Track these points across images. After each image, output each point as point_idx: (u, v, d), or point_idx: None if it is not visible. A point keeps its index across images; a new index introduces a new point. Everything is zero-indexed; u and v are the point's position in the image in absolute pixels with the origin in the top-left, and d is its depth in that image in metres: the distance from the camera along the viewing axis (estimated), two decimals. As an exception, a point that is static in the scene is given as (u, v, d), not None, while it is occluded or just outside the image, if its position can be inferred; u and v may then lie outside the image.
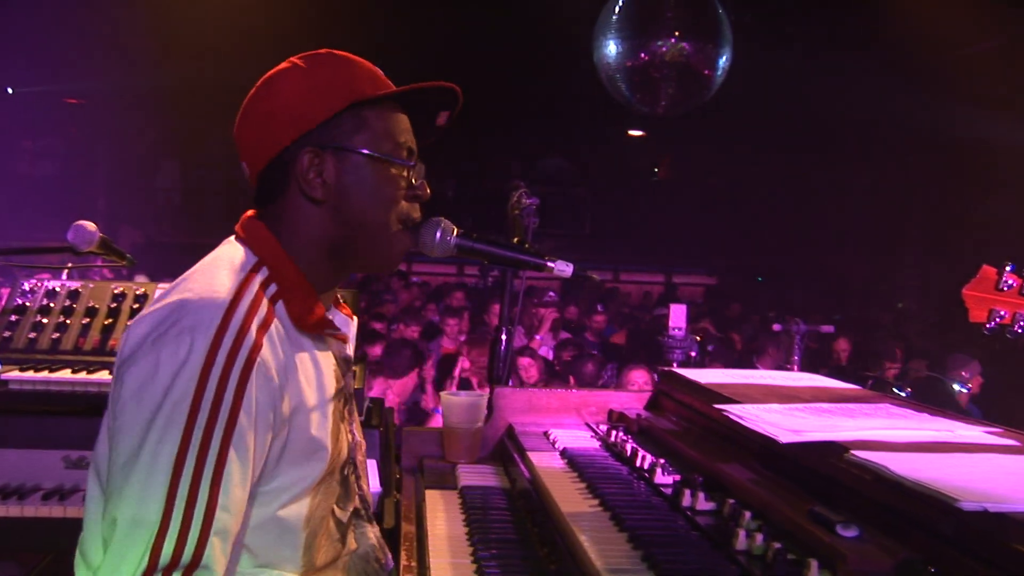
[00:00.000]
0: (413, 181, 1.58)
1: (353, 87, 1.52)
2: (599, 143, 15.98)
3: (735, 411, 1.92)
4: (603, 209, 17.03)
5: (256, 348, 1.35)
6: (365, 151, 1.52)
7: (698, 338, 4.74)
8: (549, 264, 1.72)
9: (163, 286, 3.32)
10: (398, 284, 11.01)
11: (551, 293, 9.87)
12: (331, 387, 1.52)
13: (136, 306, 3.29)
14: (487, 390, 2.70)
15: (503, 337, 2.91)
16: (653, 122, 11.04)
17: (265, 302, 1.43)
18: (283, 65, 1.57)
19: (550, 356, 7.19)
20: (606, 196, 16.95)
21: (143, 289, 3.36)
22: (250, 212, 1.59)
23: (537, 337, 8.10)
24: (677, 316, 4.52)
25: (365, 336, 6.16)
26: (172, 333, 1.33)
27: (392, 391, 5.36)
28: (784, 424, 1.77)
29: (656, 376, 2.90)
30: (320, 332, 1.52)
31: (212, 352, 1.31)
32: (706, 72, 8.24)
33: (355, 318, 1.74)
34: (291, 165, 1.50)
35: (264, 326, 1.39)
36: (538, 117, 14.45)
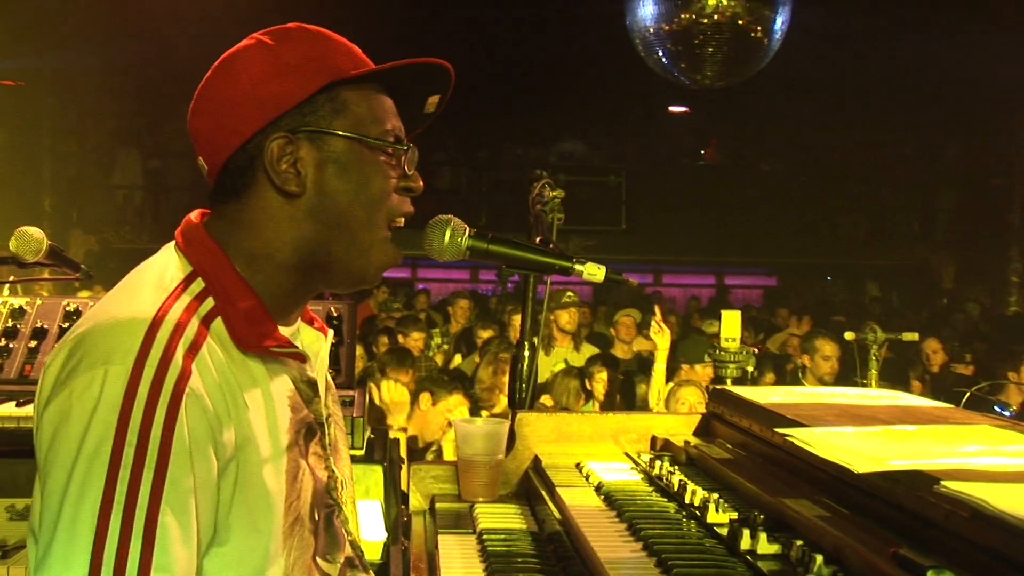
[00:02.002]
0: (406, 170, 1.58)
1: (330, 64, 1.52)
2: (635, 122, 16.02)
3: (801, 436, 1.93)
4: (640, 200, 17.03)
5: (184, 376, 1.34)
6: (348, 134, 1.51)
7: (755, 350, 4.74)
8: (578, 267, 1.73)
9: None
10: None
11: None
12: (285, 418, 1.50)
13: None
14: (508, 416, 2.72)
15: (525, 353, 2.92)
16: (698, 96, 11.04)
17: (195, 320, 1.41)
18: (245, 42, 1.56)
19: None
20: (644, 185, 16.95)
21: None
22: (195, 212, 1.58)
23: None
24: (730, 324, 4.52)
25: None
26: (83, 366, 1.32)
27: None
28: (860, 451, 1.77)
29: (707, 396, 2.90)
30: (264, 351, 1.49)
31: (131, 385, 1.30)
32: (760, 35, 8.23)
33: (329, 332, 1.72)
34: (257, 157, 1.49)
35: (193, 349, 1.37)
36: (562, 94, 14.45)
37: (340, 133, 1.51)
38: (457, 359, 8.56)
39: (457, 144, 17.57)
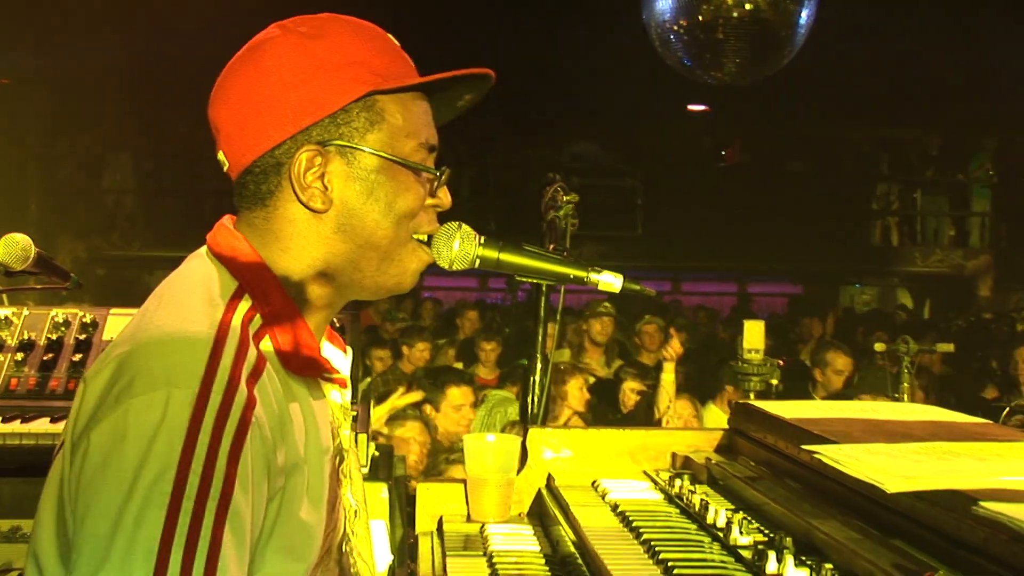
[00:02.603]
0: (435, 190, 1.60)
1: (372, 69, 1.52)
2: (652, 122, 15.99)
3: (829, 453, 1.92)
4: (658, 203, 17.02)
5: (250, 405, 1.34)
6: (381, 153, 1.52)
7: (780, 362, 4.73)
8: (593, 276, 1.73)
9: (118, 313, 3.37)
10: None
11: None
12: (327, 444, 1.52)
13: (83, 337, 3.33)
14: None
15: (538, 366, 2.92)
16: (719, 94, 11.03)
17: (253, 343, 1.42)
18: (274, 31, 1.55)
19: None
20: (661, 187, 16.93)
21: (91, 316, 3.40)
22: (227, 218, 1.59)
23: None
24: (753, 334, 4.51)
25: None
26: (140, 385, 1.30)
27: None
28: (892, 469, 1.77)
29: (729, 411, 2.90)
30: (315, 376, 1.52)
31: (197, 411, 1.29)
32: (784, 29, 8.23)
33: (350, 351, 1.74)
34: (284, 165, 1.50)
35: (255, 374, 1.38)
36: (575, 91, 14.46)
37: (374, 151, 1.51)
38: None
39: (463, 144, 17.60)
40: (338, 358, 1.69)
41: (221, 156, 1.56)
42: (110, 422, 1.29)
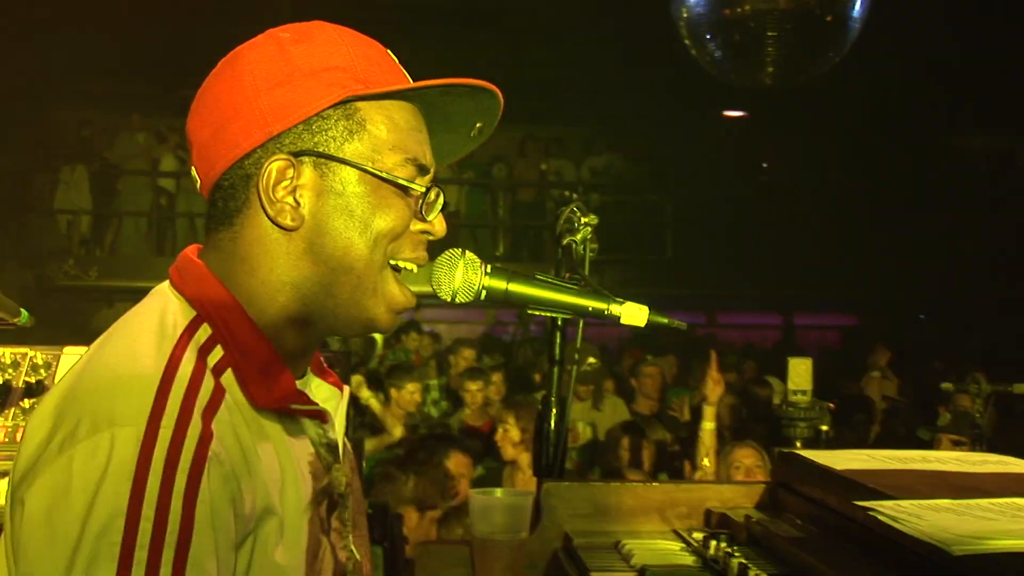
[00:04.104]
0: (424, 213, 1.59)
1: (355, 75, 1.53)
2: (682, 130, 16.01)
3: (886, 510, 1.93)
4: (689, 223, 17.02)
5: (205, 439, 1.35)
6: (361, 165, 1.53)
7: (831, 405, 4.72)
8: (615, 308, 1.75)
9: (74, 352, 3.38)
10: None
11: None
12: (307, 487, 1.53)
13: (33, 379, 3.35)
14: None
15: (553, 410, 2.94)
16: (758, 97, 11.05)
17: (208, 374, 1.43)
18: (257, 38, 1.58)
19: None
20: (693, 204, 16.94)
21: (43, 356, 3.42)
22: (191, 247, 1.62)
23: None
24: (799, 373, 4.51)
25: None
26: (83, 430, 1.32)
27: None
28: (959, 528, 1.77)
29: (772, 460, 2.91)
30: (286, 410, 1.53)
31: (145, 449, 1.30)
32: (834, 20, 8.23)
33: (346, 388, 1.75)
34: (254, 177, 1.52)
35: (211, 407, 1.40)
36: (595, 96, 14.49)
37: (351, 162, 1.52)
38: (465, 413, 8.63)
39: (466, 157, 17.58)
40: (329, 395, 1.70)
41: (194, 172, 1.59)
42: (51, 474, 1.31)
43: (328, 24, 1.60)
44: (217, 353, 1.47)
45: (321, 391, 1.69)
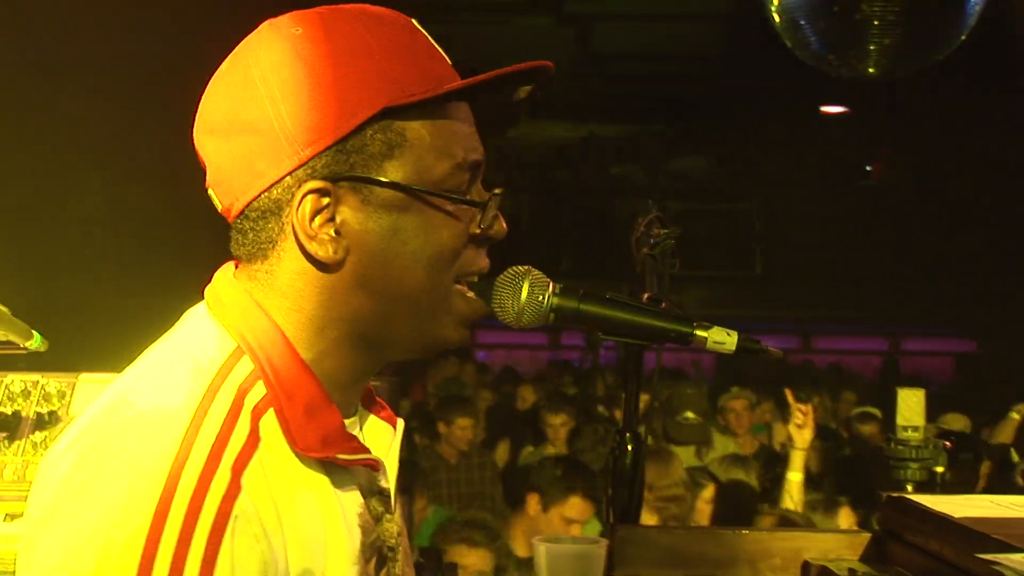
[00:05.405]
0: (482, 224, 1.56)
1: (388, 75, 1.48)
2: (774, 129, 15.93)
3: (1015, 564, 1.92)
4: (782, 235, 16.93)
5: (231, 494, 1.33)
6: (406, 184, 1.48)
7: (947, 444, 4.67)
8: (700, 332, 1.75)
9: (91, 379, 3.42)
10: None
11: None
12: (354, 542, 1.53)
13: (45, 411, 3.39)
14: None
15: (629, 447, 2.94)
16: (862, 91, 11.00)
17: (246, 417, 1.42)
18: (263, 32, 1.53)
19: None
20: (786, 214, 16.85)
21: (57, 383, 3.45)
22: (228, 266, 1.59)
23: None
24: (910, 407, 4.47)
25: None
26: (97, 475, 1.33)
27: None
28: (1096, 585, 1.76)
29: (878, 506, 2.89)
30: (330, 456, 1.50)
31: (163, 505, 1.29)
32: (949, 7, 8.18)
33: (400, 423, 1.74)
34: (286, 207, 1.48)
35: (243, 457, 1.38)
36: (673, 91, 14.47)
37: (396, 183, 1.48)
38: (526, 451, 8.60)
39: (525, 160, 17.62)
40: (380, 432, 1.70)
41: (212, 194, 1.55)
42: (66, 522, 1.31)
43: (341, 8, 1.54)
44: (258, 392, 1.46)
45: (374, 429, 1.69)
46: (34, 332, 3.18)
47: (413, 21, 1.56)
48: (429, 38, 1.56)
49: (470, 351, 11.99)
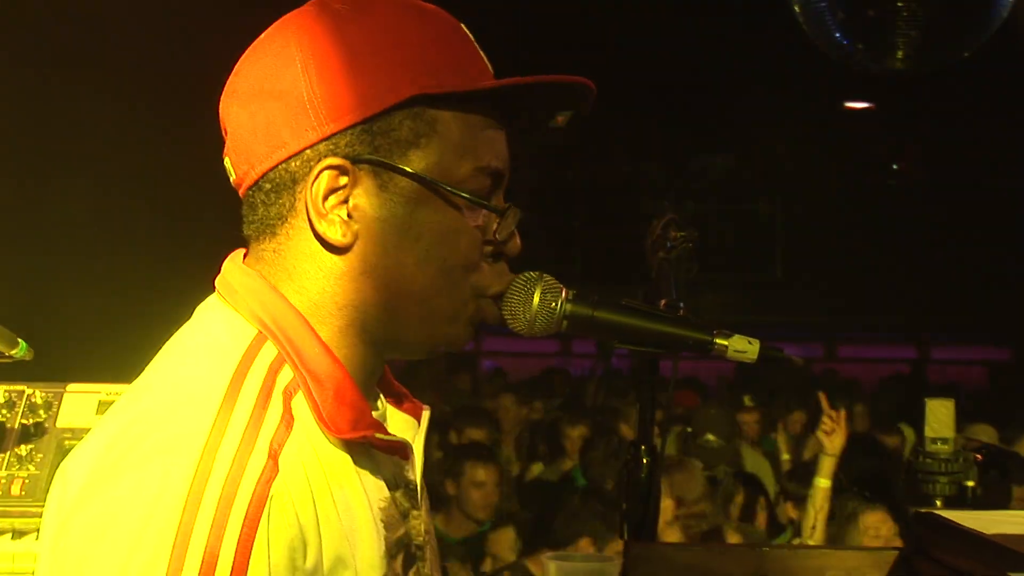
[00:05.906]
0: (497, 235, 1.57)
1: (426, 64, 1.50)
2: (796, 125, 15.93)
3: (1050, 585, 1.92)
4: (804, 237, 16.92)
5: (269, 475, 1.35)
6: (426, 177, 1.49)
7: (978, 456, 4.66)
8: (720, 341, 1.74)
9: (78, 390, 3.41)
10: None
11: None
12: (380, 537, 1.53)
13: (30, 422, 3.39)
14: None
15: (644, 460, 2.93)
16: (888, 87, 10.99)
17: (278, 398, 1.43)
18: (308, 8, 1.55)
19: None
20: (809, 214, 16.83)
21: (43, 394, 3.45)
22: (236, 253, 1.60)
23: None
24: (939, 418, 4.47)
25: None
26: (130, 461, 1.34)
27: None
28: None
29: (907, 523, 2.89)
30: (370, 441, 1.51)
31: (197, 485, 1.31)
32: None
33: (425, 414, 1.74)
34: (301, 181, 1.49)
35: (279, 436, 1.39)
36: (690, 85, 14.48)
37: (418, 175, 1.49)
38: (537, 467, 8.58)
39: (536, 158, 17.63)
40: (405, 424, 1.69)
41: (227, 162, 1.57)
42: (99, 507, 1.32)
43: None
44: (286, 375, 1.46)
45: (396, 421, 1.68)
46: (19, 340, 3.18)
47: (461, 25, 1.58)
48: (474, 42, 1.58)
49: (476, 358, 11.96)
